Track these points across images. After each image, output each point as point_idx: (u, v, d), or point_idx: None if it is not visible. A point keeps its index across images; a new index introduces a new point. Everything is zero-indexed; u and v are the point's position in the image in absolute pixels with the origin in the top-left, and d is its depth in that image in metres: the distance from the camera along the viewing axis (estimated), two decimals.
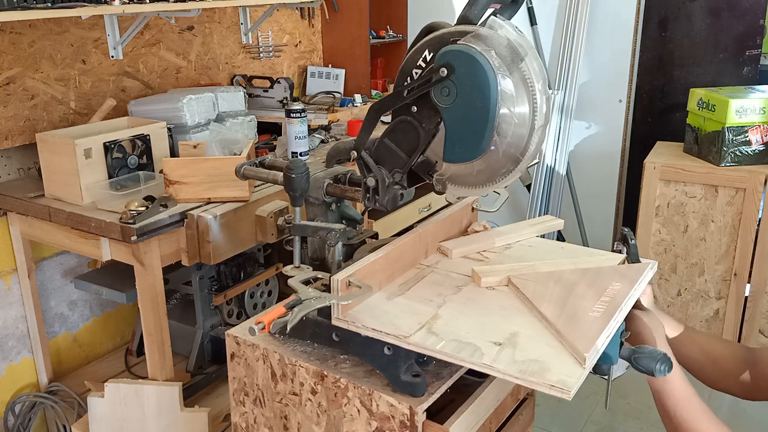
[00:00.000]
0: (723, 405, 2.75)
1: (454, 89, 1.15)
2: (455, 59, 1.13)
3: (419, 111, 1.22)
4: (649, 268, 1.37)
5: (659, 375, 1.17)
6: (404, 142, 1.27)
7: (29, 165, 2.28)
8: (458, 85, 1.14)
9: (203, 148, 2.12)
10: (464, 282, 1.35)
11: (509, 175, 1.21)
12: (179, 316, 2.42)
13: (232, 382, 1.42)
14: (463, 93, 1.15)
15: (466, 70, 1.13)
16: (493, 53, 1.12)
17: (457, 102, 1.15)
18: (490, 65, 1.11)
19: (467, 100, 1.14)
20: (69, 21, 2.36)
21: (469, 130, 1.16)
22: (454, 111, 1.17)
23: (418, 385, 1.18)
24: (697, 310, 2.96)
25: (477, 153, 1.17)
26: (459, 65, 1.13)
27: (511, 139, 1.16)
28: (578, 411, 2.67)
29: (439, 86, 1.16)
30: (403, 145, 1.28)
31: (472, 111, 1.14)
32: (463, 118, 1.16)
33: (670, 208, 2.91)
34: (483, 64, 1.11)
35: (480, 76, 1.12)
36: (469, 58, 1.12)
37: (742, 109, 2.69)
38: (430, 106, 1.19)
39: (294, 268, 1.36)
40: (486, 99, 1.12)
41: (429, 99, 1.19)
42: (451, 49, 1.14)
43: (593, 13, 3.43)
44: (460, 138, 1.18)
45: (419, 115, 1.23)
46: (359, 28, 3.54)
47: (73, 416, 2.24)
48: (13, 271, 2.28)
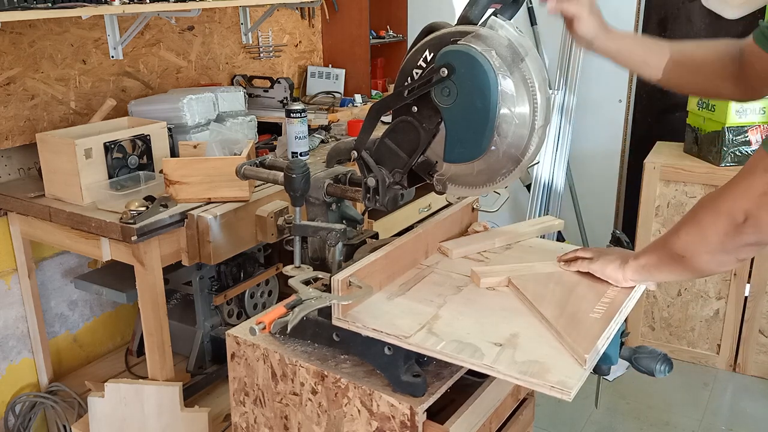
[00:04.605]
0: (723, 405, 2.75)
1: (455, 89, 1.15)
2: (456, 59, 1.13)
3: (420, 111, 1.23)
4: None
5: (660, 375, 1.17)
6: (405, 142, 1.27)
7: (29, 165, 2.28)
8: (459, 85, 1.14)
9: (203, 148, 2.12)
10: (464, 282, 1.35)
11: (510, 176, 1.21)
12: (179, 316, 2.42)
13: (233, 382, 1.42)
14: (463, 93, 1.15)
15: (467, 70, 1.13)
16: (493, 53, 1.12)
17: (457, 102, 1.16)
18: (491, 65, 1.12)
19: (468, 100, 1.14)
20: (69, 21, 2.36)
21: (469, 130, 1.16)
22: (455, 111, 1.17)
23: (418, 386, 1.18)
24: (697, 310, 2.96)
25: (477, 153, 1.18)
26: (459, 65, 1.13)
27: (511, 139, 1.16)
28: (578, 411, 2.67)
29: (439, 86, 1.16)
30: (404, 145, 1.28)
31: (472, 111, 1.14)
32: (463, 118, 1.16)
33: (670, 208, 2.91)
34: (483, 65, 1.12)
35: (480, 77, 1.12)
36: (470, 59, 1.12)
37: (742, 109, 2.69)
38: (431, 106, 1.19)
39: (294, 268, 1.36)
40: (486, 99, 1.12)
41: (429, 99, 1.19)
42: (451, 49, 1.14)
43: None
44: (460, 138, 1.18)
45: (420, 115, 1.23)
46: (359, 28, 3.53)
47: (73, 416, 2.24)
48: (14, 271, 2.28)
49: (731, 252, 1.07)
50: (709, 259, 1.10)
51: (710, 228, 1.07)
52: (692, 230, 1.11)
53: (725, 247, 1.06)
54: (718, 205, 1.06)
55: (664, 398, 2.76)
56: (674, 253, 1.14)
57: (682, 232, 1.13)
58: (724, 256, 1.08)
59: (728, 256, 1.08)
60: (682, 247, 1.13)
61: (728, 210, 1.04)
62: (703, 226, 1.09)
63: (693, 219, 1.11)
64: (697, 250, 1.10)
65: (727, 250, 1.07)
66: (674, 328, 3.03)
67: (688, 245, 1.12)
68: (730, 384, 2.89)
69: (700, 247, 1.10)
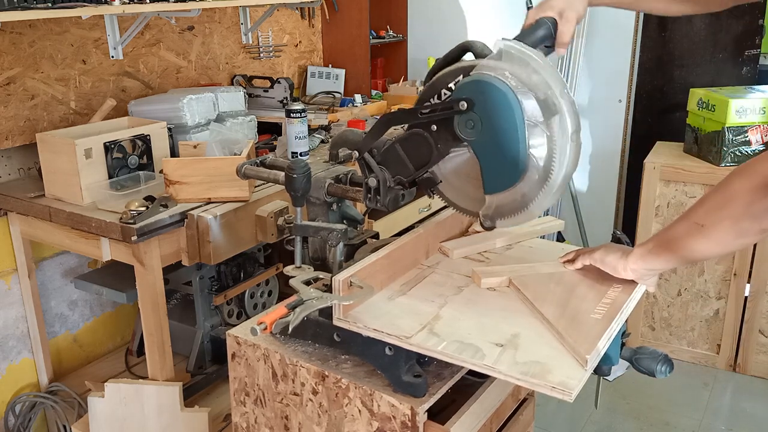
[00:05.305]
0: (723, 405, 2.75)
1: (478, 119, 1.15)
2: (472, 91, 1.14)
3: (438, 131, 1.22)
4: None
5: (660, 376, 1.17)
6: (415, 155, 1.28)
7: (29, 165, 2.28)
8: (480, 114, 1.15)
9: (203, 148, 2.12)
10: (465, 282, 1.35)
11: (555, 190, 1.18)
12: (179, 316, 2.42)
13: (233, 382, 1.42)
14: (487, 120, 1.15)
15: (485, 97, 1.13)
16: (507, 73, 1.12)
17: (483, 131, 1.16)
18: (508, 86, 1.12)
19: (494, 126, 1.14)
20: (69, 21, 2.36)
21: (502, 154, 1.16)
22: (483, 140, 1.16)
23: (419, 386, 1.18)
24: (697, 310, 2.96)
25: (517, 176, 1.17)
26: (477, 95, 1.14)
27: (548, 152, 1.15)
28: (578, 411, 2.67)
29: (462, 119, 1.16)
30: (413, 156, 1.28)
31: (501, 135, 1.14)
32: (494, 145, 1.16)
33: (670, 208, 2.91)
34: (500, 87, 1.12)
35: (500, 100, 1.12)
36: (486, 86, 1.13)
37: (742, 109, 2.69)
38: (451, 131, 1.19)
39: (295, 269, 1.36)
40: (512, 119, 1.12)
41: (451, 124, 1.19)
42: (466, 82, 1.15)
43: (593, 13, 3.43)
44: (496, 165, 1.18)
45: (437, 135, 1.23)
46: (359, 28, 3.53)
47: (73, 416, 2.24)
48: (14, 271, 2.28)
49: (757, 216, 1.02)
50: (731, 225, 1.05)
51: (738, 187, 1.03)
52: (718, 194, 1.07)
53: (751, 209, 1.01)
54: (750, 167, 1.03)
55: (664, 398, 2.76)
56: (693, 222, 1.09)
57: (707, 199, 1.09)
58: (748, 222, 1.03)
59: (752, 222, 1.02)
60: (703, 213, 1.08)
61: (761, 170, 1.01)
62: (731, 187, 1.04)
63: (720, 184, 1.07)
64: (721, 214, 1.06)
65: (753, 214, 1.02)
66: (674, 328, 3.03)
67: (710, 211, 1.07)
68: (730, 384, 2.89)
69: (725, 210, 1.05)
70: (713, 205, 1.07)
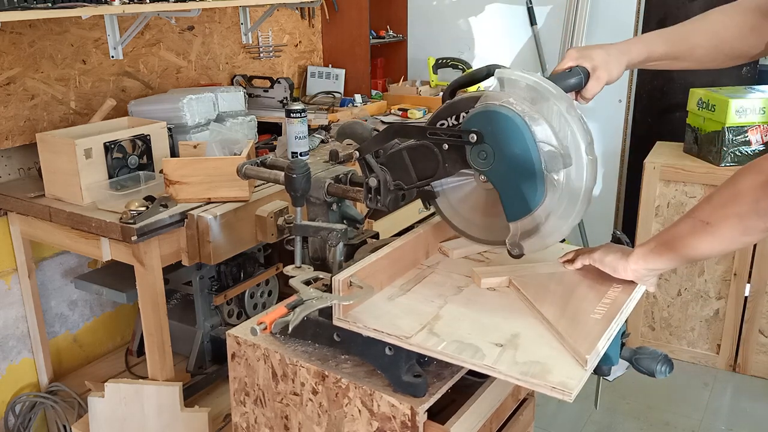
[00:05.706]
0: (723, 405, 2.75)
1: (490, 149, 1.16)
2: (479, 122, 1.15)
3: (449, 151, 1.23)
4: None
5: (660, 376, 1.17)
6: (420, 166, 1.28)
7: (29, 165, 2.28)
8: (491, 143, 1.15)
9: (203, 148, 2.12)
10: (465, 282, 1.35)
11: (579, 206, 1.19)
12: (179, 316, 2.42)
13: (233, 382, 1.42)
14: (498, 149, 1.15)
15: (493, 126, 1.14)
16: (511, 100, 1.13)
17: (497, 160, 1.16)
18: (514, 111, 1.12)
19: (507, 154, 1.15)
20: (69, 21, 2.36)
21: (520, 180, 1.16)
22: (499, 169, 1.17)
23: (419, 386, 1.18)
24: (697, 310, 2.96)
25: (537, 199, 1.16)
26: (485, 126, 1.14)
27: (564, 169, 1.15)
28: (578, 411, 2.67)
29: (475, 150, 1.17)
30: (419, 167, 1.28)
31: (515, 161, 1.14)
32: (510, 171, 1.16)
33: (670, 208, 2.91)
34: (507, 114, 1.12)
35: (509, 127, 1.12)
36: (492, 114, 1.13)
37: (742, 109, 2.69)
38: (462, 155, 1.20)
39: (295, 268, 1.36)
40: (524, 144, 1.13)
41: (464, 150, 1.19)
42: (473, 114, 1.15)
43: (593, 13, 3.43)
44: (515, 192, 1.17)
45: (447, 154, 1.23)
46: (359, 28, 3.53)
47: (73, 416, 2.24)
48: (14, 271, 2.28)
49: (762, 214, 1.01)
50: (737, 223, 1.04)
51: (745, 184, 1.02)
52: (724, 192, 1.06)
53: (758, 206, 1.01)
54: (757, 164, 1.02)
55: (664, 398, 2.76)
56: (698, 220, 1.09)
57: (712, 197, 1.08)
58: (753, 220, 1.02)
59: (758, 220, 1.02)
60: (709, 211, 1.07)
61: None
62: (737, 185, 1.04)
63: (726, 182, 1.06)
64: (727, 211, 1.05)
65: (759, 212, 1.01)
66: (674, 328, 3.03)
67: (716, 208, 1.06)
68: (730, 384, 2.89)
69: (731, 207, 1.04)
70: (719, 203, 1.07)
